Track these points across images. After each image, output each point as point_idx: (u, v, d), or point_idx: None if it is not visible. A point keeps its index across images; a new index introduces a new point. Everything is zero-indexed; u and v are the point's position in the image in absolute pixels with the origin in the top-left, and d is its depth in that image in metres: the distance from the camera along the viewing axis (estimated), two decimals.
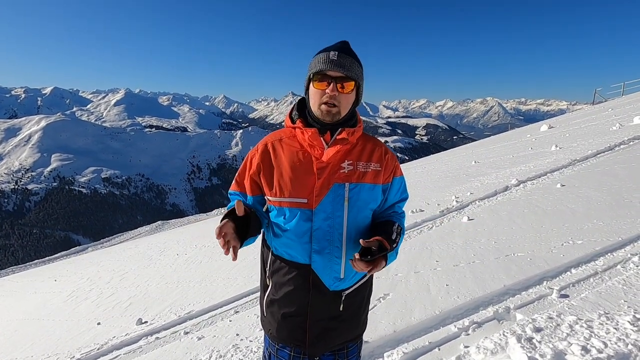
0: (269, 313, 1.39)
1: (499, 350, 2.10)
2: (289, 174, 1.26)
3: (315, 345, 1.35)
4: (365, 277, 1.39)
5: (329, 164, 1.25)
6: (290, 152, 1.29)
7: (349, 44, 1.26)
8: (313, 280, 1.28)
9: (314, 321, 1.32)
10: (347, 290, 1.33)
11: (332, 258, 1.26)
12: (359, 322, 1.42)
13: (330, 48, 1.23)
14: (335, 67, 1.18)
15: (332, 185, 1.24)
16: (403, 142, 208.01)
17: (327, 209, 1.24)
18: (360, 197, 1.27)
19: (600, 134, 9.31)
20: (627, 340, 1.92)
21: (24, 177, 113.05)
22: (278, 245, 1.32)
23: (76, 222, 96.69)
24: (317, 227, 1.24)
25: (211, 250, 7.87)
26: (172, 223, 29.28)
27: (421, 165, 14.38)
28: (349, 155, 1.29)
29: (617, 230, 3.63)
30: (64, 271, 11.59)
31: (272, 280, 1.36)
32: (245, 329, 3.49)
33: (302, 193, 1.24)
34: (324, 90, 1.20)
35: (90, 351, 3.94)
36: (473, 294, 3.01)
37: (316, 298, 1.30)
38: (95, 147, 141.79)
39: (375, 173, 1.30)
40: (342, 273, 1.28)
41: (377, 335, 2.69)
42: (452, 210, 5.72)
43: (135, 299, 5.75)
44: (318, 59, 1.23)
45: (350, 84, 1.22)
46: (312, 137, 1.24)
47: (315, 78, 1.22)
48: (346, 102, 1.24)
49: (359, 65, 1.25)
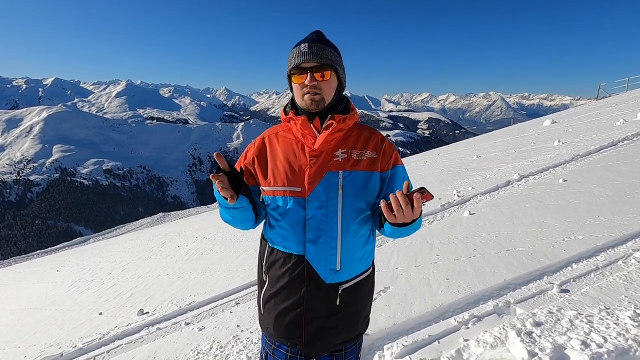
0: (266, 310, 1.38)
1: (499, 344, 2.10)
2: (283, 163, 1.28)
3: (313, 345, 1.32)
4: (365, 273, 1.36)
5: (322, 152, 1.26)
6: (285, 143, 1.32)
7: (321, 33, 1.29)
8: (308, 271, 1.26)
9: (311, 317, 1.29)
10: (345, 284, 1.30)
11: (327, 248, 1.25)
12: (358, 321, 1.38)
13: (301, 41, 1.26)
14: (309, 57, 1.21)
15: (326, 174, 1.24)
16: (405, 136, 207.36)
17: (320, 197, 1.24)
18: (354, 186, 1.25)
19: (604, 129, 9.25)
20: (627, 335, 1.92)
21: (25, 168, 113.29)
22: (274, 237, 1.33)
23: (78, 213, 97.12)
24: (310, 216, 1.24)
25: (212, 242, 7.90)
26: (174, 215, 29.39)
27: (423, 160, 14.34)
28: (343, 143, 1.29)
29: (619, 226, 3.61)
30: (66, 262, 11.65)
31: (269, 275, 1.35)
32: (246, 320, 3.51)
33: (296, 182, 1.25)
34: (304, 82, 1.23)
35: (92, 341, 3.98)
36: (473, 288, 3.01)
37: (312, 291, 1.27)
38: (96, 139, 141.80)
39: (371, 161, 1.28)
40: (338, 264, 1.26)
41: (377, 328, 2.70)
42: (453, 205, 5.71)
43: (137, 290, 5.79)
44: (292, 54, 1.25)
45: (327, 71, 1.23)
46: (303, 125, 1.26)
47: (293, 73, 1.25)
48: (328, 89, 1.25)
49: (333, 50, 1.26)
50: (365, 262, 1.35)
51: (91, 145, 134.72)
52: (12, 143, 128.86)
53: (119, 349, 3.69)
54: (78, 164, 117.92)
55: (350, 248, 1.28)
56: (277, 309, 1.33)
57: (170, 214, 30.20)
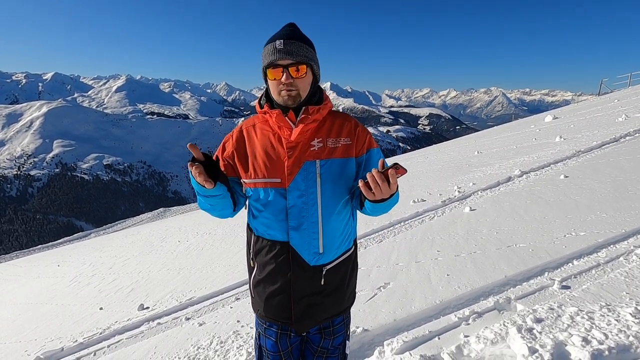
0: (256, 293, 1.44)
1: (499, 340, 2.10)
2: (262, 156, 1.31)
3: (302, 322, 1.39)
4: (347, 252, 1.43)
5: (298, 143, 1.29)
6: (262, 135, 1.35)
7: (294, 26, 1.29)
8: (293, 256, 1.33)
9: (298, 298, 1.36)
10: (328, 265, 1.36)
11: (310, 234, 1.31)
12: (344, 297, 1.45)
13: (275, 37, 1.25)
14: (284, 55, 1.22)
15: (304, 164, 1.28)
16: (405, 131, 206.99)
17: (300, 187, 1.28)
18: (332, 173, 1.30)
19: (606, 125, 9.20)
20: (629, 332, 1.91)
21: (26, 163, 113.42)
22: (258, 225, 1.38)
23: (79, 208, 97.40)
24: (292, 205, 1.29)
25: (212, 237, 7.91)
26: (174, 210, 29.45)
27: (423, 155, 14.30)
28: (318, 133, 1.32)
29: (621, 222, 3.60)
30: (66, 256, 11.70)
31: (257, 262, 1.41)
32: (246, 315, 3.51)
33: (275, 173, 1.29)
34: (280, 80, 1.24)
35: (93, 335, 3.99)
36: (474, 284, 3.00)
37: (297, 274, 1.34)
38: (96, 134, 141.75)
39: (346, 147, 1.33)
40: (321, 248, 1.33)
41: (377, 324, 2.70)
42: (454, 201, 5.70)
43: (137, 285, 5.80)
44: (266, 50, 1.26)
45: (302, 67, 1.25)
46: (278, 118, 1.28)
47: (268, 69, 1.26)
48: (303, 84, 1.27)
49: (308, 46, 1.27)
50: (346, 243, 1.42)
51: (91, 140, 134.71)
52: (12, 138, 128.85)
53: (119, 343, 3.70)
54: (78, 159, 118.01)
55: (332, 232, 1.34)
56: (266, 292, 1.39)
57: (171, 209, 30.27)
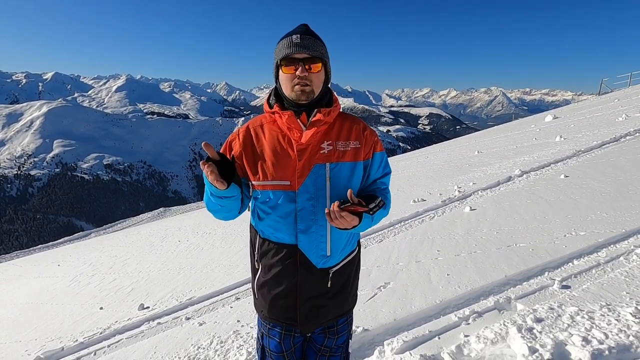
0: (260, 295, 1.44)
1: (499, 339, 2.10)
2: (271, 158, 1.29)
3: (306, 323, 1.39)
4: (352, 254, 1.43)
5: (308, 145, 1.28)
6: (271, 136, 1.33)
7: (308, 26, 1.29)
8: (300, 259, 1.32)
9: (304, 299, 1.36)
10: (335, 267, 1.37)
11: (318, 237, 1.31)
12: (347, 298, 1.46)
13: (292, 32, 1.25)
14: (301, 49, 1.21)
15: (313, 167, 1.28)
16: (405, 131, 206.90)
17: (309, 190, 1.28)
18: (341, 176, 1.30)
19: (606, 124, 9.19)
20: (629, 331, 1.91)
21: (26, 163, 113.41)
22: (264, 228, 1.36)
23: (79, 208, 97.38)
24: (301, 208, 1.28)
25: (213, 237, 7.90)
26: (174, 210, 29.40)
27: (423, 155, 14.30)
28: (328, 135, 1.32)
29: (621, 222, 3.60)
30: (67, 256, 11.68)
31: (261, 263, 1.40)
32: (246, 315, 3.51)
33: (285, 175, 1.28)
34: (294, 74, 1.23)
35: (93, 335, 3.99)
36: (474, 283, 3.00)
37: (304, 277, 1.34)
38: (97, 134, 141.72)
39: (355, 151, 1.33)
40: (329, 250, 1.33)
41: (378, 324, 2.70)
42: (454, 200, 5.69)
43: (137, 285, 5.80)
44: (282, 44, 1.25)
45: (317, 64, 1.25)
46: (289, 120, 1.27)
47: (283, 63, 1.25)
48: (317, 81, 1.27)
49: (322, 44, 1.28)
50: (351, 244, 1.43)
51: (92, 140, 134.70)
52: (12, 138, 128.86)
53: (119, 343, 3.70)
54: (79, 158, 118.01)
55: (339, 235, 1.34)
56: (272, 294, 1.38)
57: (171, 209, 30.22)
